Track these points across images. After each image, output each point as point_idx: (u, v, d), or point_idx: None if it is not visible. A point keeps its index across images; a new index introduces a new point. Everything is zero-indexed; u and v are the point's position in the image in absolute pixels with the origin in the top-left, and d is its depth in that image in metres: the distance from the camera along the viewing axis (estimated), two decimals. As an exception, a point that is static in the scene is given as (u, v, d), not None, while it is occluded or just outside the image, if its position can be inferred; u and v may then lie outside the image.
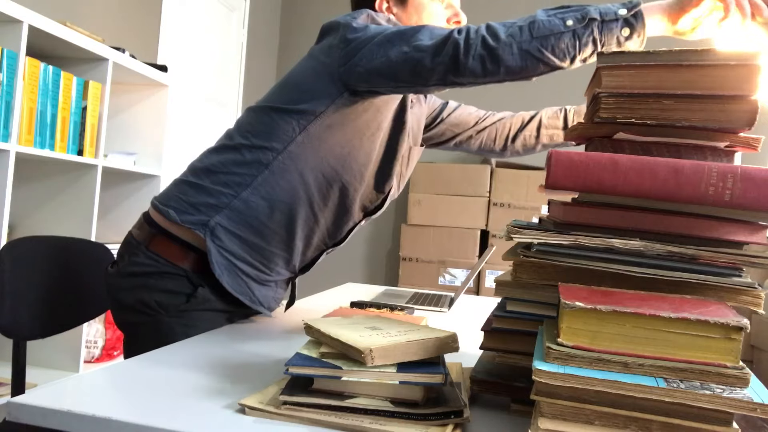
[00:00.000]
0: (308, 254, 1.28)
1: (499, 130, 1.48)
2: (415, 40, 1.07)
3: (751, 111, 0.70)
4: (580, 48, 0.98)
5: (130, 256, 1.19)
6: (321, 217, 1.22)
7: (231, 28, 3.95)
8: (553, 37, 0.98)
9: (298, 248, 1.23)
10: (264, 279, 1.23)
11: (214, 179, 1.19)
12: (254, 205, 1.17)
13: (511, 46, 0.99)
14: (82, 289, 1.44)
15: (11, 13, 1.81)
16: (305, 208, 1.19)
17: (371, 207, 1.30)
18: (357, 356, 0.69)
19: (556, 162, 0.70)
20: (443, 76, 1.05)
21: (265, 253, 1.20)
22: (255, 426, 0.67)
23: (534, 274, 0.73)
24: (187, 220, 1.16)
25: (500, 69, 1.01)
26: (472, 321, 1.48)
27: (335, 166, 1.18)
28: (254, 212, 1.17)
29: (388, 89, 1.14)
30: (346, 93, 1.15)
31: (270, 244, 1.20)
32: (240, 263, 1.18)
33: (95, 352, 2.46)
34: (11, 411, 0.68)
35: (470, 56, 1.01)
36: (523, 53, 0.99)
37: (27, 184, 2.27)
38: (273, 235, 1.19)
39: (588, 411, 0.58)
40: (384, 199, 1.30)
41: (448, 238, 3.78)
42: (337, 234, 1.28)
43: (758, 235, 0.68)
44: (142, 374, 0.83)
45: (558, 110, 1.47)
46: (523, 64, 1.00)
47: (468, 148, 1.51)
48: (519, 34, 0.99)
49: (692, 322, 0.57)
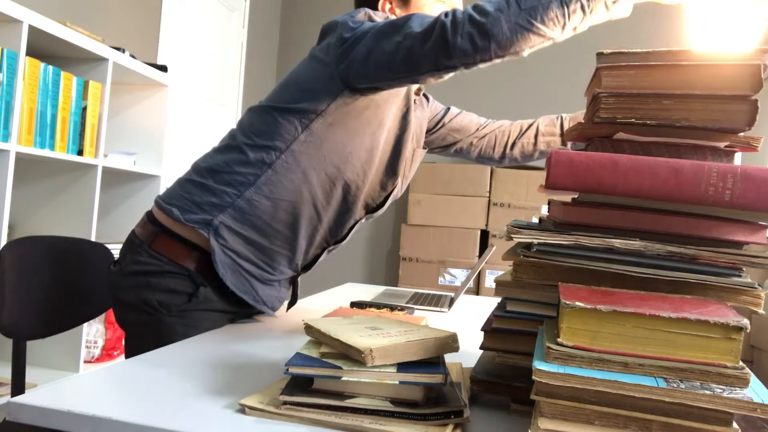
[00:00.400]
0: (311, 252, 1.28)
1: (498, 137, 1.51)
2: (406, 29, 1.08)
3: (751, 111, 0.70)
4: (569, 15, 0.99)
5: (132, 255, 1.19)
6: (324, 215, 1.23)
7: (231, 28, 3.95)
8: (540, 6, 0.99)
9: (302, 247, 1.24)
10: (267, 278, 1.23)
11: (217, 179, 1.19)
12: (258, 204, 1.17)
13: (499, 20, 1.00)
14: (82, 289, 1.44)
15: (11, 13, 1.81)
16: (309, 207, 1.20)
17: (374, 205, 1.30)
18: (357, 356, 0.69)
19: (556, 162, 0.70)
20: (435, 61, 1.05)
21: (269, 252, 1.21)
22: (255, 426, 0.67)
23: (534, 274, 0.73)
24: (190, 219, 1.16)
25: (490, 44, 1.01)
26: (472, 321, 1.48)
27: (338, 164, 1.19)
28: (258, 211, 1.17)
29: (387, 82, 1.14)
30: (347, 91, 1.16)
31: (273, 243, 1.20)
32: (244, 262, 1.18)
33: (95, 352, 2.46)
34: (11, 411, 0.68)
35: (458, 35, 1.02)
36: (512, 26, 1.00)
37: (27, 184, 2.27)
38: (277, 235, 1.20)
39: (588, 411, 0.58)
40: (386, 197, 1.30)
41: (448, 238, 3.78)
42: (338, 232, 1.28)
43: (758, 235, 0.68)
44: (142, 374, 0.83)
45: (555, 118, 1.50)
46: (513, 37, 1.00)
47: (468, 155, 1.54)
48: (507, 8, 1.00)
49: (692, 322, 0.57)
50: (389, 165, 1.27)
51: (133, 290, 1.17)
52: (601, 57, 0.74)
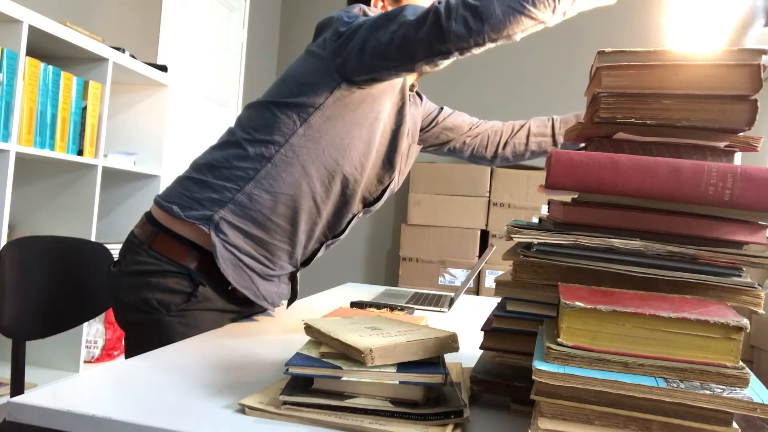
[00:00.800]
0: (309, 247, 1.29)
1: (491, 137, 1.54)
2: (401, 18, 1.10)
3: (751, 111, 0.70)
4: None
5: (132, 255, 1.19)
6: (323, 209, 1.24)
7: (231, 28, 3.95)
8: None
9: (301, 241, 1.24)
10: (268, 273, 1.24)
11: (217, 174, 1.20)
12: (258, 198, 1.18)
13: (492, 3, 1.03)
14: (82, 289, 1.44)
15: (11, 13, 1.81)
16: (308, 200, 1.21)
17: (371, 199, 1.32)
18: (357, 356, 0.69)
19: (556, 162, 0.70)
20: (429, 46, 1.08)
21: (269, 246, 1.21)
22: (255, 426, 0.67)
23: (534, 274, 0.73)
24: (191, 216, 1.17)
25: (484, 26, 1.04)
26: (472, 321, 1.48)
27: (336, 158, 1.20)
28: (258, 206, 1.18)
29: (383, 72, 1.15)
30: (344, 84, 1.17)
31: (274, 237, 1.21)
32: (245, 257, 1.19)
33: (95, 352, 2.46)
34: (11, 411, 0.68)
35: (452, 19, 1.05)
36: (504, 9, 1.03)
37: (27, 184, 2.27)
38: (277, 229, 1.20)
39: (588, 411, 0.58)
40: (383, 191, 1.31)
41: (448, 238, 3.78)
42: (337, 226, 1.29)
43: (758, 235, 0.68)
44: (142, 374, 0.83)
45: (546, 119, 1.54)
46: (505, 20, 1.04)
47: (461, 154, 1.57)
48: None
49: (692, 322, 0.57)
50: (386, 158, 1.28)
51: (132, 290, 1.17)
52: (601, 56, 0.74)
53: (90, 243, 1.57)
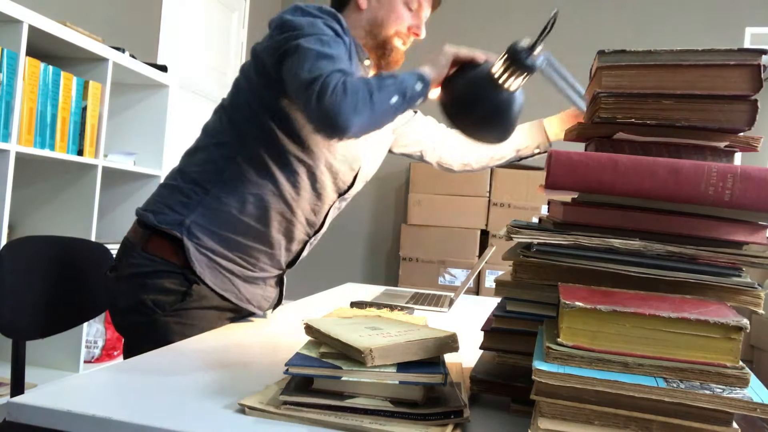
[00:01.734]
0: (293, 248, 1.28)
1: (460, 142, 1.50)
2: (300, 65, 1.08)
3: (751, 111, 0.70)
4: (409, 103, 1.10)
5: (126, 259, 1.20)
6: (297, 208, 1.23)
7: (231, 28, 3.95)
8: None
9: (278, 242, 1.24)
10: (249, 276, 1.24)
11: (185, 178, 1.22)
12: (225, 200, 1.19)
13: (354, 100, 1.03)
14: (82, 289, 1.44)
15: (11, 13, 1.81)
16: (277, 199, 1.20)
17: (344, 187, 1.30)
18: (357, 356, 0.69)
19: (556, 162, 0.70)
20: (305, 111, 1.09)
21: (243, 248, 1.21)
22: (255, 426, 0.67)
23: (534, 274, 0.73)
24: (163, 221, 1.18)
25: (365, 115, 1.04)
26: (472, 321, 1.48)
27: (295, 152, 1.20)
28: (226, 207, 1.19)
29: None
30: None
31: (246, 238, 1.21)
32: (220, 260, 1.19)
33: (95, 352, 2.46)
34: (11, 411, 0.68)
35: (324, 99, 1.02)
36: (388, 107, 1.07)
37: (27, 184, 2.27)
38: (248, 229, 1.21)
39: (588, 411, 0.58)
40: (355, 177, 1.30)
41: (448, 238, 3.78)
42: (315, 221, 1.29)
43: (758, 235, 0.68)
44: (142, 374, 0.83)
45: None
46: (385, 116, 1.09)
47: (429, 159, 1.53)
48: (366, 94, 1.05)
49: (692, 322, 0.57)
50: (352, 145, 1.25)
51: (128, 293, 1.18)
52: (601, 56, 0.74)
53: (90, 243, 1.57)
